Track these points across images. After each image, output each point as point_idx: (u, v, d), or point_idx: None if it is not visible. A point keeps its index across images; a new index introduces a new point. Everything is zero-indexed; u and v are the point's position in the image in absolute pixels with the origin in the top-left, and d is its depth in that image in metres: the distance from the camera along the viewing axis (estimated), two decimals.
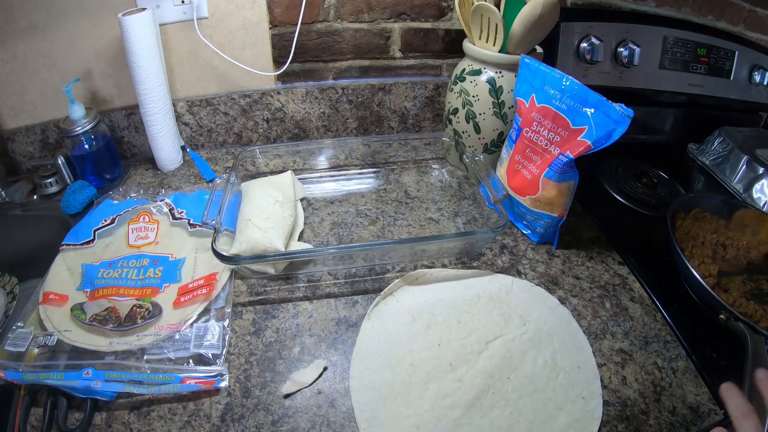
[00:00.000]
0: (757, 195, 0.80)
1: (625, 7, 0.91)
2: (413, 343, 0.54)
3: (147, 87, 0.74)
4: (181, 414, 0.47)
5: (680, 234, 0.66)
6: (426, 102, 0.95)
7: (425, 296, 0.60)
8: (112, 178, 0.82)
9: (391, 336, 0.54)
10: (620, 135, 0.57)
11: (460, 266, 0.65)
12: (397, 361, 0.52)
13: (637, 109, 0.57)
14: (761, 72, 0.93)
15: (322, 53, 0.87)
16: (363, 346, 0.53)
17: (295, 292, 0.61)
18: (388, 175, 0.84)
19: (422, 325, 0.56)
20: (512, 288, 0.61)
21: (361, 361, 0.52)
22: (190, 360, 0.51)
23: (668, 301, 0.61)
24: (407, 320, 0.56)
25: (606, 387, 0.50)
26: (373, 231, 0.71)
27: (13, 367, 0.48)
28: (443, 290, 0.61)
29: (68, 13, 0.73)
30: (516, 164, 0.69)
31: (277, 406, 0.48)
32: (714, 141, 0.91)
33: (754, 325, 0.52)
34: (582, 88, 0.60)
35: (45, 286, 0.58)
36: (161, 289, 0.58)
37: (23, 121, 0.81)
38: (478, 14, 0.70)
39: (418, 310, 0.58)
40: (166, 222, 0.68)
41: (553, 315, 0.58)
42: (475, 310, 0.57)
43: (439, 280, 0.62)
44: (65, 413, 0.46)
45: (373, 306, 0.58)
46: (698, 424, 0.48)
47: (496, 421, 0.47)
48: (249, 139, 0.93)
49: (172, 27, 0.78)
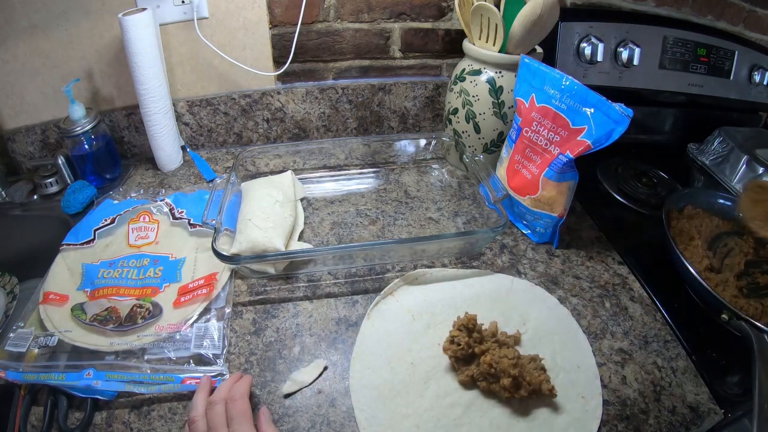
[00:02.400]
0: None
1: (625, 7, 0.91)
2: (413, 342, 0.54)
3: (147, 87, 0.74)
4: (181, 413, 0.47)
5: (675, 232, 0.66)
6: (426, 102, 0.95)
7: (425, 296, 0.60)
8: (112, 178, 0.82)
9: (391, 335, 0.55)
10: (620, 135, 0.57)
11: (460, 266, 0.65)
12: (397, 361, 0.52)
13: (637, 109, 0.57)
14: (761, 72, 0.93)
15: (322, 53, 0.87)
16: (363, 345, 0.54)
17: (296, 292, 0.61)
18: (388, 175, 0.84)
19: (422, 324, 0.56)
20: (512, 287, 0.61)
21: (361, 360, 0.52)
22: (191, 360, 0.51)
23: (668, 300, 0.61)
24: (407, 320, 0.56)
25: (606, 386, 0.50)
26: (373, 231, 0.71)
27: (13, 367, 0.48)
28: (443, 290, 0.61)
29: (68, 13, 0.74)
30: (516, 164, 0.69)
31: (278, 406, 0.48)
32: (714, 141, 0.91)
33: (756, 323, 0.52)
34: (582, 88, 0.60)
35: (45, 286, 0.58)
36: (161, 288, 0.58)
37: (23, 121, 0.81)
38: (478, 14, 0.70)
39: (418, 309, 0.58)
40: (167, 222, 0.68)
41: (553, 314, 0.58)
42: (474, 310, 0.57)
43: (438, 279, 0.62)
44: (65, 413, 0.46)
45: (373, 306, 0.58)
46: (698, 423, 0.48)
47: (496, 420, 0.47)
48: (249, 139, 0.93)
49: (172, 27, 0.78)
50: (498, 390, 0.47)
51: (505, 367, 0.46)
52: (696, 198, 0.73)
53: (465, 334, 0.50)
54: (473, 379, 0.49)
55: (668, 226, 0.65)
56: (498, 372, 0.47)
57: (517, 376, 0.46)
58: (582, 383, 0.50)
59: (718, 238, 0.67)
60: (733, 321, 0.54)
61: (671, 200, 0.70)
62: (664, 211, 0.67)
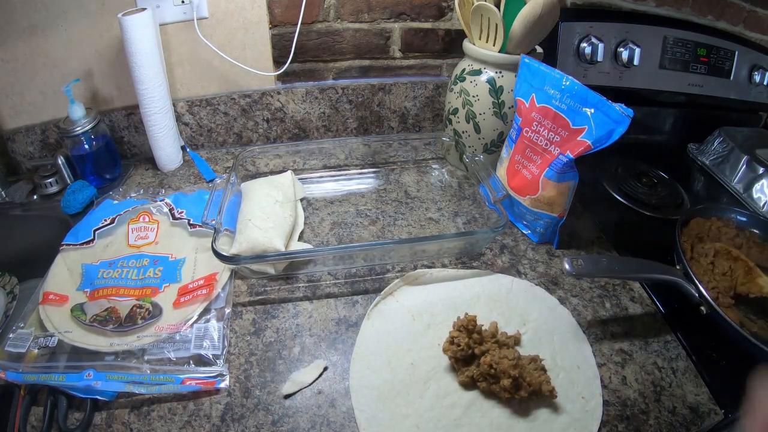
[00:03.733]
0: (757, 195, 0.80)
1: (625, 7, 0.91)
2: (413, 342, 0.54)
3: (147, 87, 0.74)
4: (181, 414, 0.47)
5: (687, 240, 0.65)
6: (426, 102, 0.95)
7: (425, 296, 0.60)
8: (112, 178, 0.82)
9: (390, 336, 0.54)
10: (620, 135, 0.57)
11: (460, 266, 0.65)
12: (397, 361, 0.52)
13: (637, 109, 0.57)
14: (761, 72, 0.93)
15: (322, 53, 0.87)
16: (363, 346, 0.53)
17: (295, 292, 0.61)
18: (388, 175, 0.84)
19: (422, 324, 0.56)
20: (512, 288, 0.61)
21: (361, 360, 0.52)
22: (191, 360, 0.51)
23: (668, 301, 0.61)
24: (407, 320, 0.56)
25: (606, 387, 0.50)
26: (373, 231, 0.71)
27: (13, 368, 0.48)
28: (443, 290, 0.61)
29: (68, 13, 0.74)
30: (516, 164, 0.69)
31: (277, 406, 0.48)
32: (714, 141, 0.91)
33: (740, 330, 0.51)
34: (582, 88, 0.60)
35: (45, 286, 0.58)
36: (161, 289, 0.58)
37: (23, 121, 0.81)
38: (478, 14, 0.70)
39: (417, 310, 0.58)
40: (166, 222, 0.68)
41: (553, 315, 0.58)
42: (474, 310, 0.57)
43: (438, 280, 0.62)
44: (65, 413, 0.46)
45: (373, 306, 0.58)
46: (698, 424, 0.48)
47: (496, 420, 0.47)
48: (249, 139, 0.93)
49: (172, 27, 0.78)
50: (498, 390, 0.47)
51: (505, 367, 0.46)
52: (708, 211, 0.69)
53: (465, 335, 0.50)
54: (473, 379, 0.49)
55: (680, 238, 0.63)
56: (498, 373, 0.47)
57: (518, 376, 0.46)
58: (582, 383, 0.50)
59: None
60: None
61: (683, 217, 0.67)
62: (677, 229, 0.64)
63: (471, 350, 0.49)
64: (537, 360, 0.50)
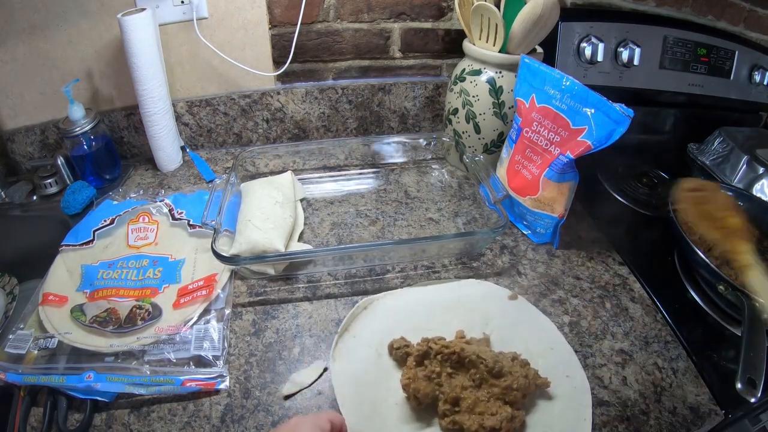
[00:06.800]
0: (757, 195, 0.80)
1: (625, 7, 0.91)
2: (388, 380, 0.49)
3: (147, 87, 0.74)
4: (181, 415, 0.47)
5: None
6: (426, 102, 0.95)
7: (380, 325, 0.54)
8: (111, 178, 0.82)
9: (360, 378, 0.49)
10: (620, 135, 0.57)
11: (460, 266, 0.65)
12: (381, 404, 0.47)
13: (637, 109, 0.57)
14: (761, 72, 0.93)
15: (321, 53, 0.87)
16: (342, 392, 0.47)
17: (295, 293, 0.61)
18: (388, 176, 0.84)
19: (389, 359, 0.51)
20: (461, 291, 0.59)
21: (348, 409, 0.45)
22: (191, 362, 0.51)
23: (668, 301, 0.61)
24: (373, 357, 0.51)
25: (606, 387, 0.50)
26: (373, 231, 0.71)
27: (13, 369, 0.48)
28: (395, 314, 0.56)
29: (68, 14, 0.73)
30: (516, 164, 0.69)
31: (277, 407, 0.48)
32: (714, 141, 0.91)
33: (749, 294, 0.53)
34: (582, 89, 0.60)
35: (45, 287, 0.58)
36: (161, 290, 0.58)
37: (23, 122, 0.81)
38: (478, 14, 0.70)
39: (379, 342, 0.52)
40: (166, 222, 0.68)
41: (511, 306, 0.57)
42: (433, 326, 0.53)
43: (387, 303, 0.57)
44: (65, 414, 0.46)
45: (334, 347, 0.51)
46: (698, 424, 0.48)
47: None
48: (249, 140, 0.93)
49: (171, 27, 0.78)
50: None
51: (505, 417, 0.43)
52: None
53: (423, 369, 0.46)
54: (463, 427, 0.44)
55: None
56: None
57: (515, 401, 0.44)
58: (562, 363, 0.50)
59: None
60: (729, 292, 0.55)
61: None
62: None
63: (435, 391, 0.45)
64: (517, 356, 0.48)
